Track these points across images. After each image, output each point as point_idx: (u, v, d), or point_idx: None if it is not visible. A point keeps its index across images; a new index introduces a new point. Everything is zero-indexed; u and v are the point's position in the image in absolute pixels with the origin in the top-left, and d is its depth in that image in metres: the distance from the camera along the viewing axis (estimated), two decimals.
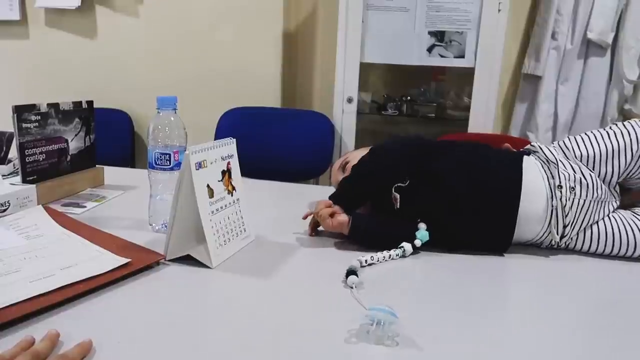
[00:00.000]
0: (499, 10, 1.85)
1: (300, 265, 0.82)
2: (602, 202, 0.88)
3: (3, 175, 1.12)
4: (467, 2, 1.89)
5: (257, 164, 1.45)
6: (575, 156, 0.90)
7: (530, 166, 0.90)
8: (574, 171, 0.87)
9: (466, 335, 0.62)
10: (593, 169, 0.88)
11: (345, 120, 2.06)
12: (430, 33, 1.95)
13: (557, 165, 0.87)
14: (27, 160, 1.04)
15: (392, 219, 0.91)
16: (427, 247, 0.87)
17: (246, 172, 0.92)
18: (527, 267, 0.84)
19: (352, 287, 0.72)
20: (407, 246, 0.85)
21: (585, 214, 0.87)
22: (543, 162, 0.90)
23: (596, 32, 1.95)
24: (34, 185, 1.01)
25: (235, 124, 2.11)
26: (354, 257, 0.80)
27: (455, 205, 0.88)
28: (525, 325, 0.65)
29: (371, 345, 0.58)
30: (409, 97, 2.21)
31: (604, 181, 0.88)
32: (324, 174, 2.08)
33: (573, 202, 0.85)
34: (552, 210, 0.86)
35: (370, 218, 0.93)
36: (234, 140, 0.89)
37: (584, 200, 0.86)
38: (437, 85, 2.28)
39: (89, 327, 0.60)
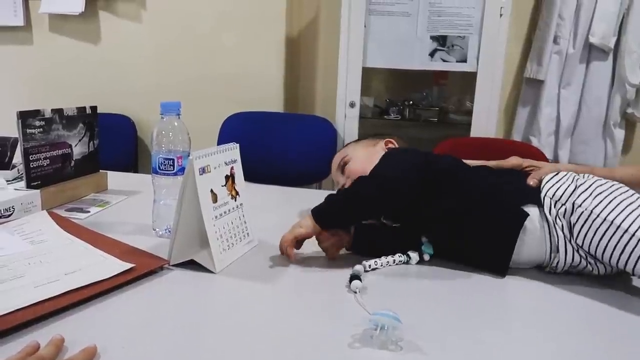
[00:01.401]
0: (501, 15, 1.85)
1: (303, 269, 0.82)
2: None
3: (7, 181, 1.12)
4: (469, 7, 1.89)
5: (259, 169, 1.45)
6: (590, 251, 0.77)
7: (531, 233, 0.80)
8: (580, 256, 0.78)
9: (470, 340, 0.62)
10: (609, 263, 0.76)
11: (347, 125, 2.06)
12: (432, 37, 1.95)
13: (558, 251, 0.79)
14: (31, 166, 1.05)
15: (394, 232, 0.90)
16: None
17: (248, 176, 0.92)
18: (532, 276, 0.83)
19: (355, 292, 0.72)
20: (413, 255, 0.84)
21: (585, 269, 0.81)
22: (550, 225, 0.80)
23: (598, 36, 1.95)
24: (38, 191, 1.01)
25: (238, 128, 2.11)
26: (358, 262, 0.80)
27: (445, 246, 0.86)
28: (528, 332, 0.65)
29: (375, 350, 0.58)
30: (411, 102, 2.22)
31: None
32: (327, 178, 2.08)
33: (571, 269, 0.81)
34: (545, 267, 0.83)
35: (372, 233, 0.90)
36: (237, 145, 0.89)
37: (584, 268, 0.80)
38: (440, 89, 2.28)
39: (94, 332, 0.60)
